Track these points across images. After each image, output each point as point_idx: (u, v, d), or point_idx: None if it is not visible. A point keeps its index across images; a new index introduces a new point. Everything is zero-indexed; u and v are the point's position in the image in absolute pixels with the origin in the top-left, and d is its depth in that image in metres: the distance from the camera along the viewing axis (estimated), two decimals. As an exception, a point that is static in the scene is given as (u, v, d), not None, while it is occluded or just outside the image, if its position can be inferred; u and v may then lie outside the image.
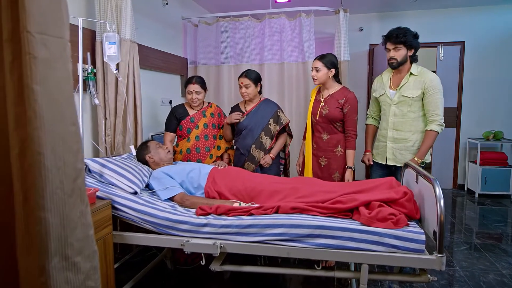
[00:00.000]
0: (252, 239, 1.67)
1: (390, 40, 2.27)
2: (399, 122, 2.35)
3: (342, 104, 2.42)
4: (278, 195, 1.90)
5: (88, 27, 2.36)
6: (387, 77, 2.44)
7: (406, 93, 2.29)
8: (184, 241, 1.71)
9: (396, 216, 1.58)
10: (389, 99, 2.38)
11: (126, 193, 1.89)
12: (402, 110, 2.33)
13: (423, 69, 2.31)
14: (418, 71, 2.30)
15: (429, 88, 2.22)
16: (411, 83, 2.28)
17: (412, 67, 2.31)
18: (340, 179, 2.48)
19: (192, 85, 2.55)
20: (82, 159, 0.75)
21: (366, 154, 2.60)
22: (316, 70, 2.42)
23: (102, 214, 1.72)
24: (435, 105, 2.23)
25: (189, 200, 1.93)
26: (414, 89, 2.27)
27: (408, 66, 2.32)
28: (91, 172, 1.97)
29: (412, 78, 2.29)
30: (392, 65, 2.33)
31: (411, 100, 2.28)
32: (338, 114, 2.42)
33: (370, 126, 2.63)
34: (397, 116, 2.35)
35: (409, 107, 2.30)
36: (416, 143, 2.33)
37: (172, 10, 3.51)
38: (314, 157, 2.55)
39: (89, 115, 2.44)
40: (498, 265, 2.56)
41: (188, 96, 2.58)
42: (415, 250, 1.53)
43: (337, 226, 1.60)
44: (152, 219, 1.78)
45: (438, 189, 1.52)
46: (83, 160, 0.76)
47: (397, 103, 2.34)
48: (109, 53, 1.78)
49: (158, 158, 2.25)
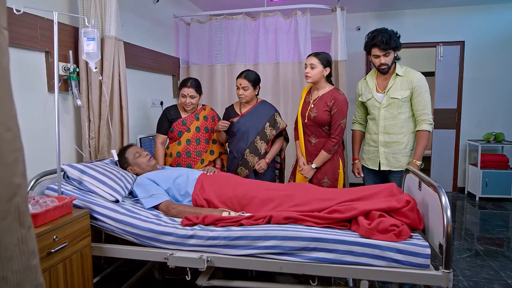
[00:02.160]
0: (241, 252, 1.54)
1: (378, 47, 2.17)
2: (390, 125, 2.28)
3: (331, 107, 2.28)
4: (271, 203, 1.77)
5: (71, 23, 2.23)
6: (372, 81, 2.36)
7: (395, 94, 2.23)
8: (168, 254, 1.58)
9: (398, 227, 1.46)
10: (378, 103, 2.30)
11: (107, 201, 1.76)
12: (392, 113, 2.26)
13: (407, 69, 2.27)
14: (403, 71, 2.25)
15: (416, 88, 2.19)
16: (398, 84, 2.23)
17: (397, 67, 2.25)
18: (329, 184, 2.34)
19: (186, 89, 2.42)
20: (22, 172, 0.61)
21: (355, 163, 2.49)
22: (311, 67, 2.29)
23: (79, 225, 1.58)
24: (423, 104, 2.20)
25: (175, 209, 1.79)
26: (402, 90, 2.22)
27: (392, 67, 2.26)
28: (70, 178, 1.83)
29: (399, 79, 2.24)
30: (383, 71, 2.25)
31: (400, 101, 2.22)
32: (327, 117, 2.28)
33: (357, 132, 2.52)
34: (387, 119, 2.28)
35: (399, 109, 2.24)
36: (408, 145, 2.28)
37: (163, 8, 3.38)
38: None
39: (72, 117, 2.30)
40: (503, 274, 2.44)
41: (182, 99, 2.46)
42: (420, 265, 1.40)
43: (334, 239, 1.47)
44: (134, 230, 1.64)
45: (444, 197, 1.40)
46: (23, 174, 0.62)
47: (386, 106, 2.27)
48: (88, 50, 1.64)
49: (140, 169, 2.12)
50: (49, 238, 1.41)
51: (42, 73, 2.05)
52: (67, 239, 1.50)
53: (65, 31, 2.16)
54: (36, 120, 2.00)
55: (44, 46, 2.01)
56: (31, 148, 1.96)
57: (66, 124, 2.24)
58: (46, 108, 2.05)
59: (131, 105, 2.80)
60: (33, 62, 1.99)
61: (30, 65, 1.97)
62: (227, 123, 2.38)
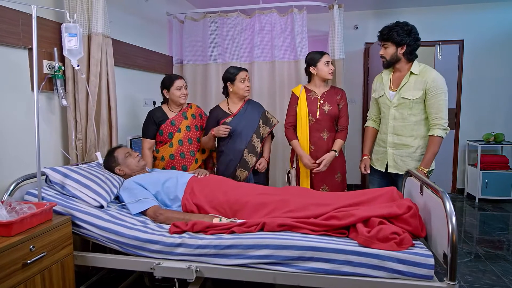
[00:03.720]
0: (233, 262, 1.45)
1: (378, 37, 2.17)
2: (399, 126, 2.14)
3: (339, 101, 2.45)
4: (264, 209, 1.67)
5: (56, 19, 2.13)
6: (387, 77, 2.22)
7: (406, 94, 2.08)
8: (154, 264, 1.48)
9: (400, 236, 1.37)
10: (389, 101, 2.17)
11: (91, 207, 1.65)
12: (402, 113, 2.12)
13: (426, 68, 2.10)
14: (420, 69, 2.09)
15: (431, 89, 2.01)
16: (412, 84, 2.07)
17: (413, 65, 2.10)
18: (341, 179, 2.49)
19: (179, 81, 2.39)
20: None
21: (363, 159, 2.36)
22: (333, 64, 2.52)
23: (59, 233, 1.48)
24: (437, 107, 2.01)
25: (163, 215, 1.70)
26: (415, 90, 2.06)
27: (407, 65, 2.12)
28: (52, 182, 1.73)
29: (413, 77, 2.08)
30: (382, 64, 2.20)
31: (411, 102, 2.07)
32: (337, 111, 2.45)
33: (370, 129, 2.40)
34: (397, 120, 2.14)
35: (409, 110, 2.09)
36: (418, 149, 2.12)
37: (156, 5, 3.29)
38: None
39: (58, 117, 2.20)
40: (506, 280, 2.36)
41: (177, 92, 2.37)
42: (423, 276, 1.31)
43: (331, 248, 1.37)
44: (119, 238, 1.55)
45: (449, 203, 1.31)
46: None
47: (397, 105, 2.13)
48: (69, 46, 1.54)
49: (129, 170, 2.02)
50: (25, 248, 1.31)
51: (25, 71, 1.95)
52: (46, 249, 1.40)
53: (48, 27, 2.06)
54: (19, 120, 1.90)
55: (27, 43, 1.91)
56: (13, 150, 1.85)
57: (51, 124, 2.14)
58: (29, 108, 1.95)
59: (121, 105, 2.70)
60: (15, 60, 1.89)
61: (12, 62, 1.87)
62: (229, 128, 2.29)
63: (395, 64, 2.15)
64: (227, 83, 2.42)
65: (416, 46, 2.10)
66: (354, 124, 4.47)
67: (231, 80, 2.38)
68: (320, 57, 2.39)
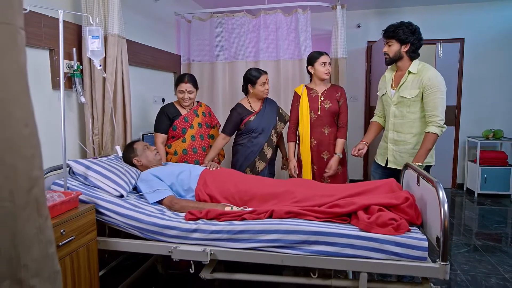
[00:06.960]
0: (244, 245, 1.58)
1: (383, 35, 2.26)
2: (398, 124, 2.26)
3: (339, 98, 2.56)
4: (272, 199, 1.80)
5: (74, 21, 2.25)
6: (390, 75, 2.33)
7: (404, 93, 2.18)
8: (172, 248, 1.61)
9: (397, 221, 1.49)
10: (390, 99, 2.29)
11: (112, 196, 1.79)
12: (402, 111, 2.23)
13: (424, 66, 2.18)
14: (419, 68, 2.17)
15: (427, 87, 2.09)
16: (409, 83, 2.17)
17: (412, 64, 2.19)
18: (342, 171, 2.60)
19: (184, 84, 2.45)
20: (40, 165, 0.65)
21: (360, 143, 2.41)
22: (330, 64, 2.55)
23: (85, 219, 1.62)
24: (433, 105, 2.08)
25: (179, 204, 1.83)
26: (412, 89, 2.15)
27: (407, 64, 2.21)
28: (75, 174, 1.87)
29: (411, 76, 2.17)
30: (385, 61, 2.29)
31: (409, 100, 2.17)
32: (337, 107, 2.56)
33: (374, 122, 2.52)
34: (397, 117, 2.26)
35: (408, 108, 2.19)
36: (417, 146, 2.22)
37: (165, 5, 3.40)
38: (314, 153, 2.56)
39: (75, 114, 2.33)
40: (501, 269, 2.48)
41: (180, 95, 2.48)
42: (417, 257, 1.44)
43: (334, 232, 1.50)
44: (138, 224, 1.68)
45: (442, 192, 1.43)
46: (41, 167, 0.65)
47: (396, 103, 2.24)
48: (92, 48, 1.67)
49: (146, 161, 2.14)
50: (57, 232, 1.44)
51: (46, 71, 2.08)
52: (74, 233, 1.54)
53: (68, 29, 2.18)
54: (41, 117, 2.03)
55: (48, 44, 2.04)
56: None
57: (70, 121, 2.27)
58: (50, 105, 2.08)
59: (133, 102, 2.82)
60: (37, 60, 2.02)
61: (34, 62, 2.00)
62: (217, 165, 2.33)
63: (397, 61, 2.23)
64: (248, 84, 2.55)
65: (419, 45, 2.20)
66: (356, 121, 4.59)
67: (252, 82, 2.51)
68: (318, 57, 2.49)
